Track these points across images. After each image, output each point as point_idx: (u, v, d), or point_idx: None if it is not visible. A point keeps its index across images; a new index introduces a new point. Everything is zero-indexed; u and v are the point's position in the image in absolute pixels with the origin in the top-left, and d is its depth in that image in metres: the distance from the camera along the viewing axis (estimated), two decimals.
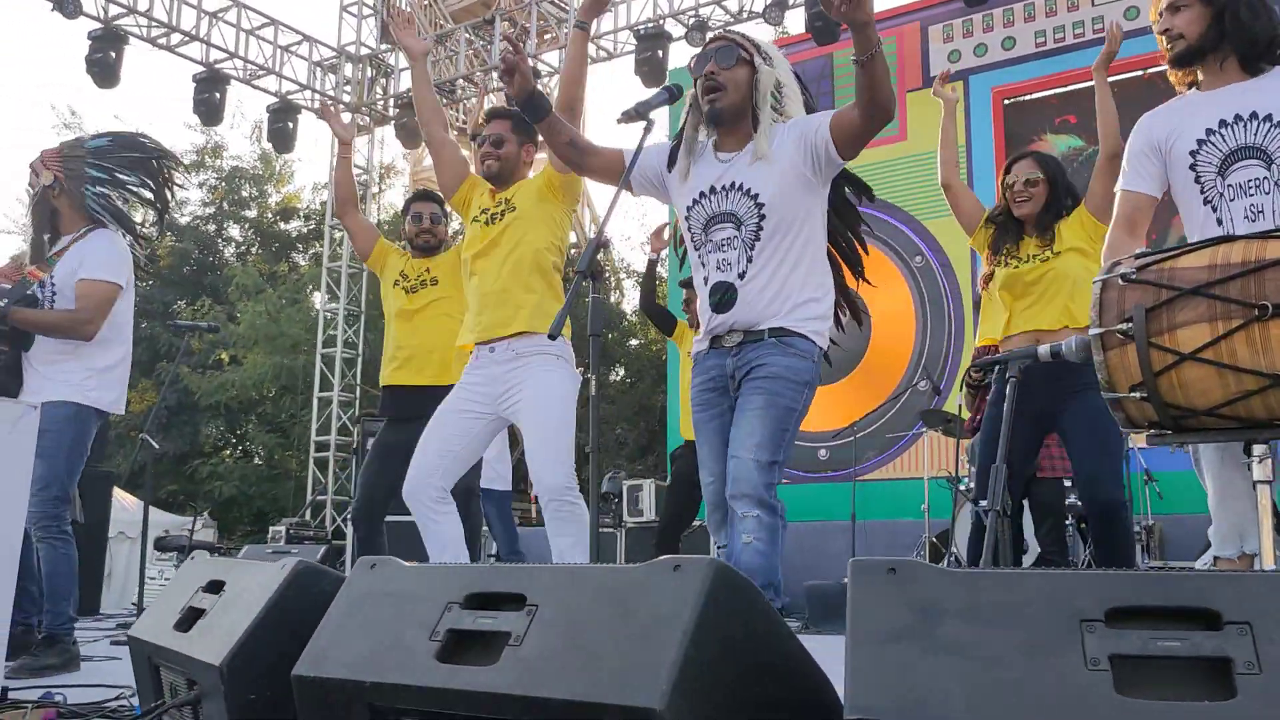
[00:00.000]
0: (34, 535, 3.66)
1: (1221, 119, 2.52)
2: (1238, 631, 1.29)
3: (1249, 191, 2.46)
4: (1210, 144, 2.52)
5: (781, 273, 2.77)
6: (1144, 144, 2.66)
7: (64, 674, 3.59)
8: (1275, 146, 2.45)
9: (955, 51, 9.60)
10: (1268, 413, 2.03)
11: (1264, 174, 2.45)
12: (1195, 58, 2.57)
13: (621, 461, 14.87)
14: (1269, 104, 2.48)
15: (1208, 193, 2.52)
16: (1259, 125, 2.47)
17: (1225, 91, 2.56)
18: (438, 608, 1.71)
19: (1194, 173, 2.54)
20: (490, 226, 3.63)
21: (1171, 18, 2.61)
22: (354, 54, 12.99)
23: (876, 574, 1.46)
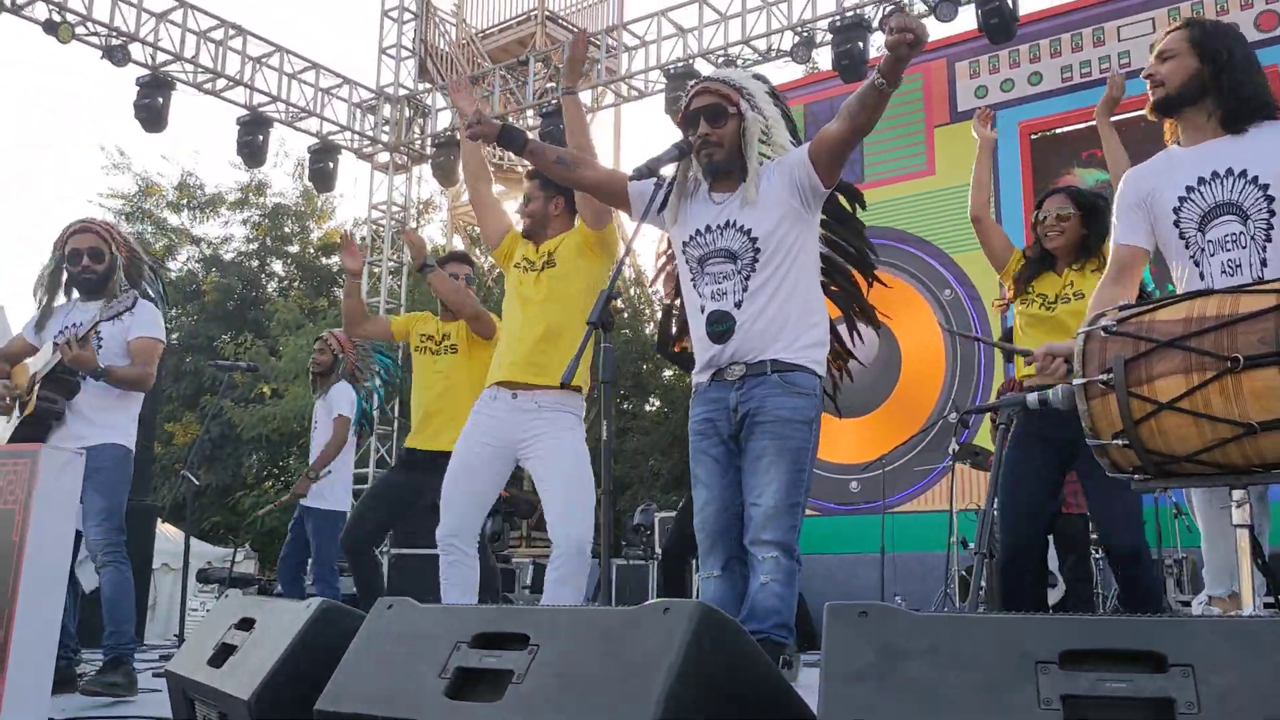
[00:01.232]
0: (99, 561, 4.00)
1: (1200, 176, 2.60)
2: (1181, 673, 1.39)
3: (1226, 247, 2.53)
4: (1191, 200, 2.60)
5: (777, 302, 2.89)
6: (1133, 198, 2.73)
7: (127, 695, 3.80)
8: (1250, 203, 2.53)
9: (982, 87, 9.69)
10: (1244, 459, 2.11)
11: (1240, 229, 2.53)
12: (1173, 107, 2.64)
13: (655, 493, 14.94)
14: (1245, 161, 2.55)
15: (1191, 248, 2.60)
16: (1234, 181, 2.55)
17: (1205, 148, 2.63)
18: (448, 647, 1.84)
19: (1178, 228, 2.62)
20: (529, 274, 3.77)
21: (1158, 65, 2.68)
22: (392, 95, 13.29)
23: (849, 616, 1.57)
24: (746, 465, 2.91)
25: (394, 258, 13.39)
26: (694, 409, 3.07)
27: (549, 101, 12.02)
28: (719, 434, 2.97)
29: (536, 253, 3.80)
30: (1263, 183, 2.53)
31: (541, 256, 3.77)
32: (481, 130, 3.18)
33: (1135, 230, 2.71)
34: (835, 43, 9.60)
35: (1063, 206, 3.78)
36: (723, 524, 2.94)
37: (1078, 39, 9.27)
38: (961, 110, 9.77)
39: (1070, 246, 3.77)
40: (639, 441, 16.03)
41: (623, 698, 1.54)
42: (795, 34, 10.20)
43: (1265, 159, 2.54)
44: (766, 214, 2.91)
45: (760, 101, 3.02)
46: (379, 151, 13.37)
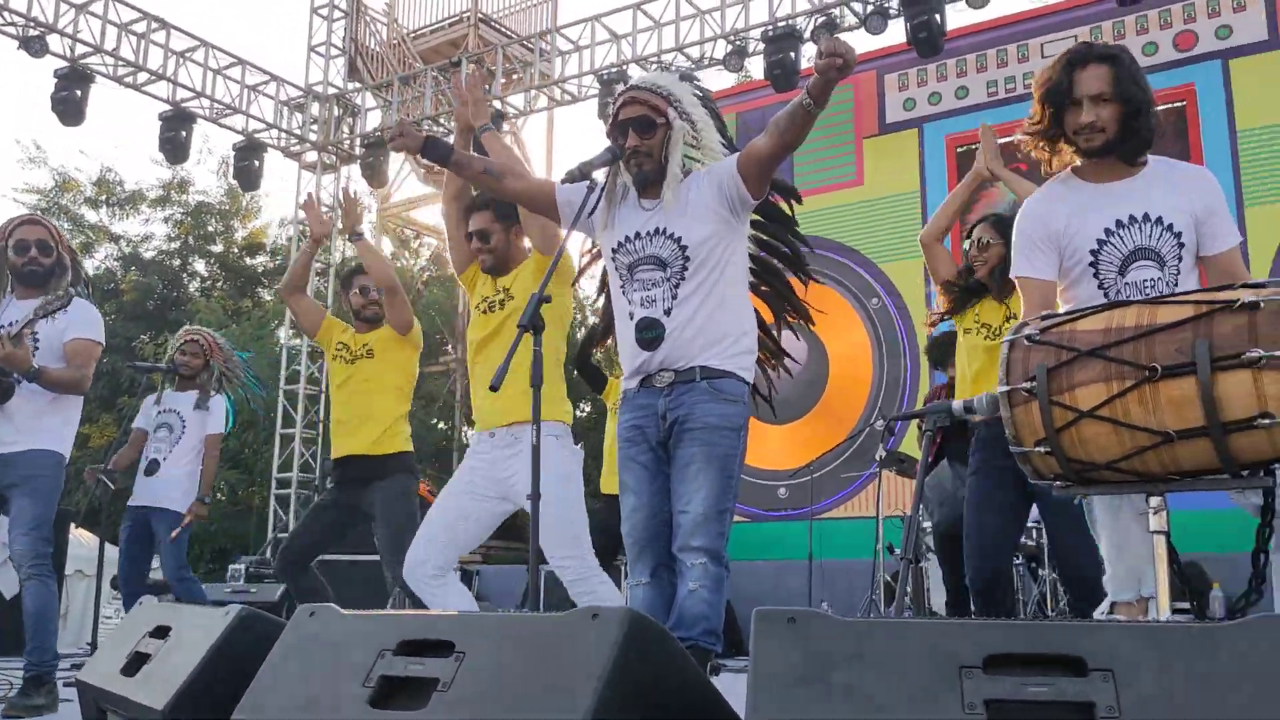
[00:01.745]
0: (23, 573, 3.82)
1: (1118, 219, 2.65)
2: (1101, 678, 1.41)
3: (1145, 290, 2.60)
4: (1110, 244, 2.65)
5: (706, 310, 2.89)
6: (1041, 233, 2.73)
7: (50, 714, 3.67)
8: (1166, 249, 2.60)
9: (910, 100, 9.85)
10: (1161, 467, 2.16)
11: (1158, 275, 2.60)
12: (1108, 151, 2.67)
13: (585, 499, 14.88)
14: (1158, 206, 2.62)
15: (1107, 289, 2.65)
16: (1151, 228, 2.61)
17: (1117, 187, 2.68)
18: (371, 655, 1.80)
19: (1094, 269, 2.67)
20: (489, 315, 3.71)
21: (1096, 109, 2.64)
22: (321, 93, 13.10)
23: (777, 622, 1.57)
24: (675, 472, 2.91)
25: (320, 258, 13.18)
26: (622, 415, 3.06)
27: None
28: (647, 441, 2.96)
29: (494, 289, 3.74)
30: (1176, 230, 2.61)
31: (498, 291, 3.72)
32: (405, 142, 3.14)
33: (1049, 265, 2.72)
34: (767, 52, 9.68)
35: (985, 234, 3.89)
36: (651, 531, 2.93)
37: (1003, 55, 9.46)
38: (890, 122, 9.92)
39: (996, 271, 3.85)
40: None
41: (552, 705, 1.53)
42: (728, 42, 10.27)
43: (1177, 206, 2.61)
44: (696, 223, 2.92)
45: (688, 106, 3.02)
46: (307, 150, 13.16)
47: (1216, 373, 2.04)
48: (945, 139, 9.60)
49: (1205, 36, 8.52)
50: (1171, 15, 8.76)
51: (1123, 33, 8.91)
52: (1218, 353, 2.04)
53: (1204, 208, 2.63)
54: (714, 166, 2.98)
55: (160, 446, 5.56)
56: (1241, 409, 2.02)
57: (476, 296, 3.80)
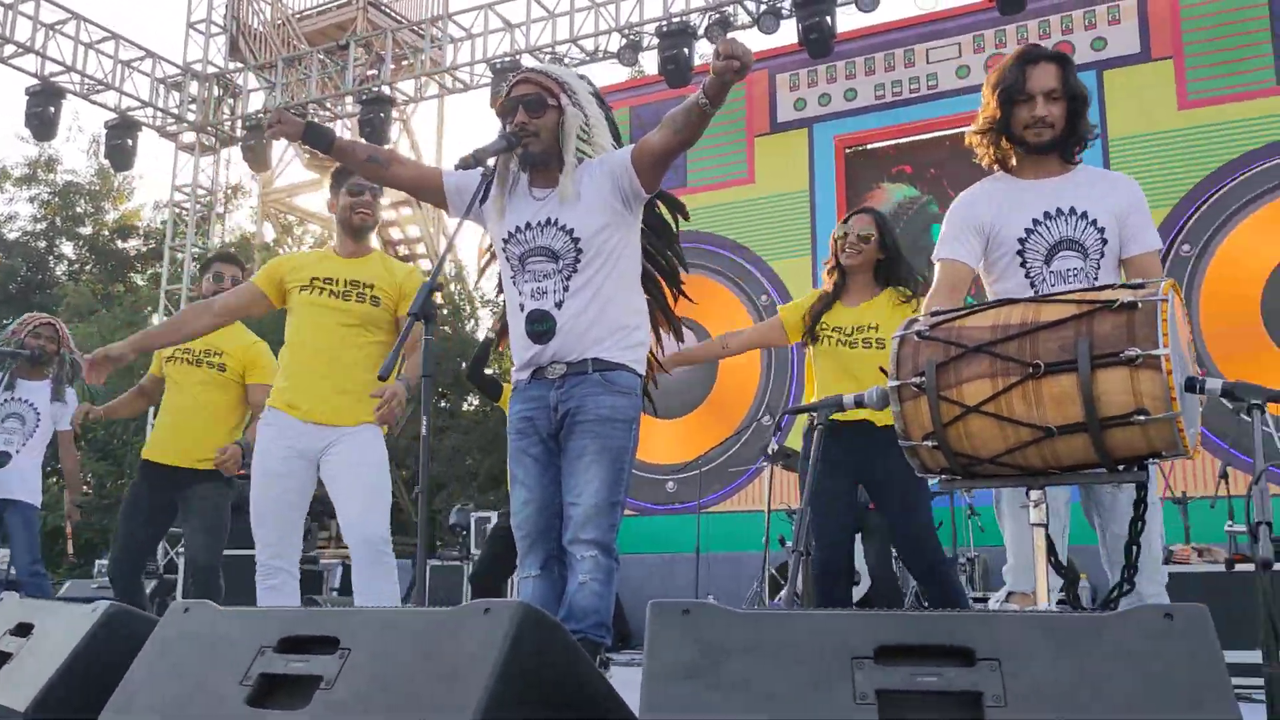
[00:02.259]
0: None
1: (1046, 211, 2.75)
2: (989, 667, 1.44)
3: (1068, 279, 2.71)
4: (1037, 234, 2.76)
5: (599, 302, 2.87)
6: (972, 222, 2.84)
7: None
8: (1090, 242, 2.71)
9: (801, 100, 9.98)
10: (1042, 462, 2.22)
11: (1081, 265, 2.71)
12: (1053, 147, 2.77)
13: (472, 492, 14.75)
14: (1085, 202, 2.73)
15: (1033, 277, 2.75)
16: (1076, 220, 2.72)
17: (1048, 184, 2.78)
18: (250, 652, 1.73)
19: (1021, 257, 2.76)
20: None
21: (1048, 106, 2.76)
22: (200, 72, 12.65)
23: (672, 614, 1.56)
24: (566, 464, 2.88)
25: (198, 244, 12.74)
26: (513, 407, 3.01)
27: (369, 89, 11.70)
28: (538, 433, 2.92)
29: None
30: (1100, 225, 2.71)
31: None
32: (284, 129, 3.05)
33: (971, 251, 2.82)
34: (662, 47, 9.71)
35: (865, 227, 3.91)
36: (542, 524, 2.90)
37: (890, 59, 9.66)
38: (781, 121, 10.05)
39: (866, 266, 3.90)
40: (456, 440, 15.79)
41: (441, 701, 1.48)
42: (622, 36, 10.27)
43: (1098, 203, 2.72)
44: (588, 214, 2.88)
45: (582, 99, 2.99)
46: (184, 131, 12.70)
47: (1096, 370, 2.10)
48: (834, 139, 9.76)
49: (1081, 47, 8.84)
50: (1050, 26, 9.07)
51: (1004, 41, 9.19)
52: (1098, 351, 2.11)
53: (1127, 211, 2.74)
54: (606, 157, 2.95)
55: (11, 438, 5.30)
56: (1119, 405, 2.09)
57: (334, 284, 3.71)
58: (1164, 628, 1.42)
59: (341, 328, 3.61)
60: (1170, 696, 1.37)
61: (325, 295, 3.63)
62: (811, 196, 9.77)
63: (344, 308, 3.63)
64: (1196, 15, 8.54)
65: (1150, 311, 2.10)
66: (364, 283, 3.65)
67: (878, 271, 3.91)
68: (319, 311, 3.62)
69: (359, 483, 3.53)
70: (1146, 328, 2.08)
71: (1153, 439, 2.11)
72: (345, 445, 3.56)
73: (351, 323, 3.62)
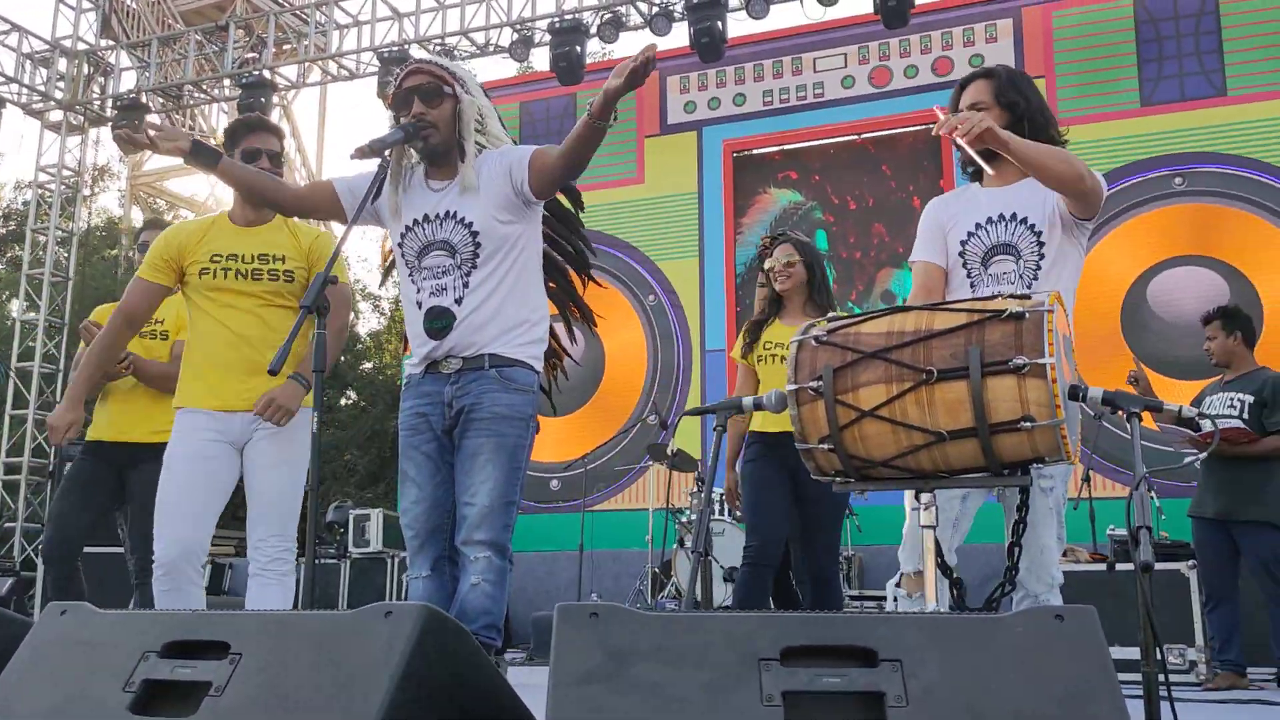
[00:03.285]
0: None
1: (989, 216, 2.84)
2: (890, 668, 1.47)
3: (1001, 282, 2.80)
4: (977, 237, 2.85)
5: (497, 298, 2.83)
6: (936, 224, 2.95)
7: None
8: (1024, 245, 2.79)
9: (691, 103, 10.06)
10: (933, 465, 2.29)
11: (1014, 268, 2.79)
12: (993, 156, 2.80)
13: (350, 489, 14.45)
14: (1024, 207, 2.81)
15: (973, 278, 2.84)
16: (1013, 225, 2.81)
17: (997, 191, 2.87)
18: (133, 657, 1.66)
19: (962, 259, 2.86)
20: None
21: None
22: (70, 49, 12.08)
23: (580, 617, 1.55)
24: (460, 463, 2.83)
25: (63, 226, 12.17)
26: (405, 402, 2.94)
27: (249, 72, 11.35)
28: (431, 429, 2.87)
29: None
30: (1037, 230, 2.78)
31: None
32: (171, 147, 2.90)
33: (939, 251, 2.92)
34: (553, 44, 9.67)
35: (789, 254, 4.16)
36: (433, 523, 2.85)
37: (779, 66, 9.81)
38: (671, 123, 10.11)
39: (798, 288, 4.15)
40: (335, 435, 15.45)
41: (340, 708, 1.44)
42: (514, 31, 10.18)
43: (1037, 206, 2.79)
44: (487, 206, 2.85)
45: (473, 89, 2.97)
46: (51, 109, 12.11)
47: (986, 377, 2.17)
48: (723, 143, 9.87)
49: (960, 64, 9.13)
50: (931, 41, 9.34)
51: (888, 54, 9.43)
52: (988, 359, 2.18)
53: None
54: (506, 151, 2.93)
55: None
56: (1007, 412, 2.16)
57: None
58: (1055, 629, 1.47)
59: (254, 310, 3.29)
60: (1061, 695, 1.42)
61: (231, 277, 3.29)
62: (700, 198, 9.86)
63: (255, 289, 3.29)
64: (1068, 37, 8.91)
65: (1037, 321, 2.18)
66: (273, 256, 3.32)
67: (809, 290, 4.15)
68: (227, 295, 3.29)
69: (275, 480, 3.26)
70: (1033, 337, 2.16)
71: (1037, 444, 2.19)
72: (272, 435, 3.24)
73: (265, 303, 3.30)
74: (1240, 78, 8.32)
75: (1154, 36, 8.63)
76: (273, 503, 3.24)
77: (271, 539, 3.23)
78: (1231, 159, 8.20)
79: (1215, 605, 5.07)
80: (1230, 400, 5.10)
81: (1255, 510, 4.92)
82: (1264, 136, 8.15)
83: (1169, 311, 8.15)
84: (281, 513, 3.26)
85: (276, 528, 3.24)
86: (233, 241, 3.35)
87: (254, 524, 3.24)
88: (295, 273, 3.34)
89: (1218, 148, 8.26)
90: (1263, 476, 4.94)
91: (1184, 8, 8.58)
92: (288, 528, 3.27)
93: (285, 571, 3.24)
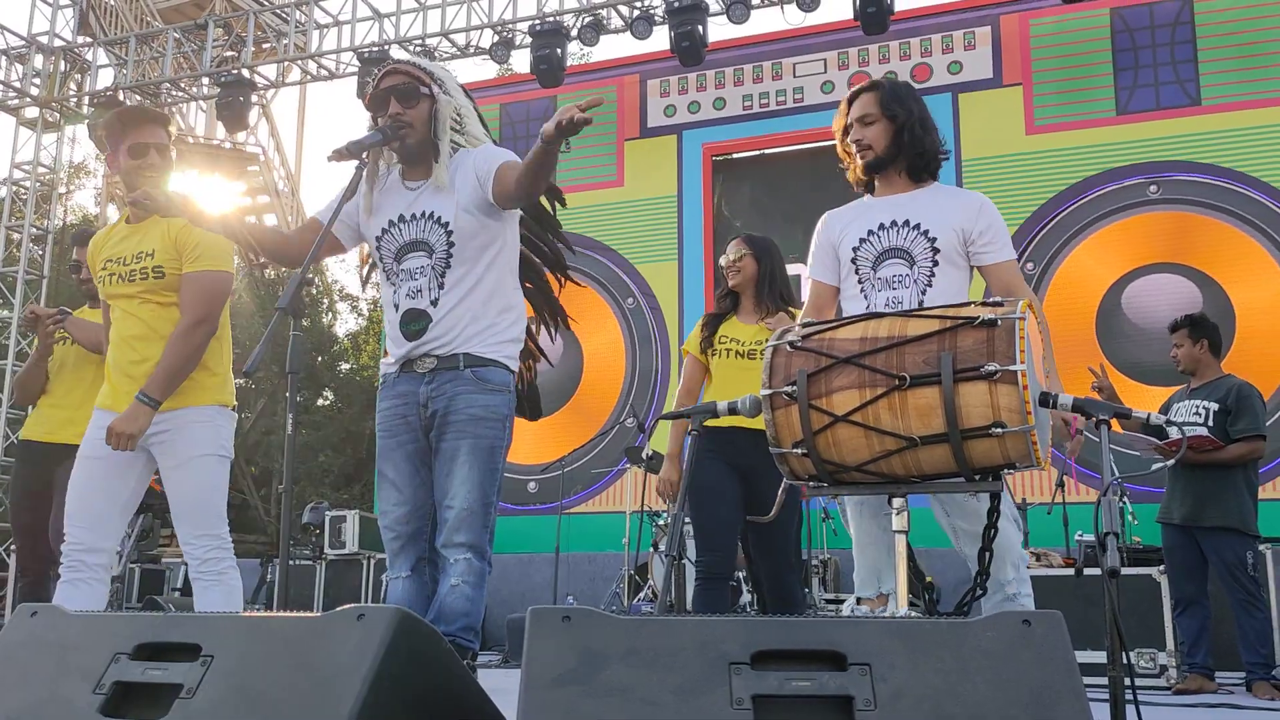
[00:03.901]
0: None
1: (881, 223, 2.89)
2: (859, 672, 1.48)
3: (893, 285, 2.83)
4: (869, 243, 2.89)
5: (474, 298, 2.83)
6: (825, 240, 3.01)
7: None
8: (918, 251, 2.84)
9: (671, 107, 10.08)
10: (905, 470, 2.31)
11: (906, 272, 2.83)
12: (880, 167, 2.91)
13: (325, 490, 14.38)
14: (918, 214, 2.86)
15: (864, 284, 2.88)
16: (906, 231, 2.85)
17: (891, 199, 2.92)
18: (104, 659, 1.65)
19: (854, 265, 2.90)
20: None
21: (863, 130, 2.92)
22: (46, 45, 11.99)
23: (552, 621, 1.55)
24: (439, 465, 2.82)
25: (38, 224, 12.07)
26: (381, 403, 2.93)
27: (228, 70, 11.29)
28: (410, 430, 2.86)
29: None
30: (931, 236, 2.82)
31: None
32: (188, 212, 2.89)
33: (827, 270, 2.98)
34: (534, 46, 9.66)
35: (739, 250, 4.14)
36: (414, 526, 2.85)
37: (759, 70, 9.85)
38: (651, 126, 10.13)
39: (750, 282, 4.09)
40: (310, 436, 15.37)
41: (312, 711, 1.44)
42: (495, 33, 10.17)
43: (936, 217, 2.84)
44: (462, 205, 2.84)
45: (452, 89, 2.97)
46: (26, 105, 12.01)
47: (958, 383, 2.19)
48: (702, 147, 9.89)
49: (939, 70, 9.20)
50: (910, 48, 9.40)
51: (867, 60, 9.48)
52: (960, 365, 2.20)
53: (973, 224, 2.86)
54: (482, 152, 2.91)
55: None
56: (979, 417, 2.18)
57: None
58: (1022, 634, 1.49)
59: (134, 311, 3.27)
60: (1027, 699, 1.44)
61: (116, 281, 3.30)
62: (679, 201, 9.88)
63: (132, 290, 3.27)
64: (1045, 45, 8.99)
65: (1009, 328, 2.20)
66: (145, 253, 3.28)
67: (760, 288, 4.09)
68: (119, 300, 3.31)
69: (182, 480, 3.21)
70: (1005, 344, 2.19)
71: (1008, 450, 2.21)
72: (172, 435, 3.20)
73: (143, 302, 3.26)
74: (1214, 87, 8.41)
75: (1130, 46, 8.71)
76: (185, 503, 3.19)
77: (198, 539, 3.18)
78: (1206, 168, 8.29)
79: (1184, 609, 5.12)
80: (1196, 408, 5.16)
81: (1219, 515, 4.98)
82: (1237, 146, 8.24)
83: (1143, 318, 8.22)
84: (198, 512, 3.20)
85: (198, 527, 3.19)
86: (119, 244, 3.36)
87: (176, 525, 3.22)
88: (164, 267, 3.26)
89: (1192, 156, 8.34)
90: (1226, 482, 5.00)
91: (1160, 18, 8.67)
92: (212, 527, 3.21)
93: (221, 571, 3.19)
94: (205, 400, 3.26)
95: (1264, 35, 8.33)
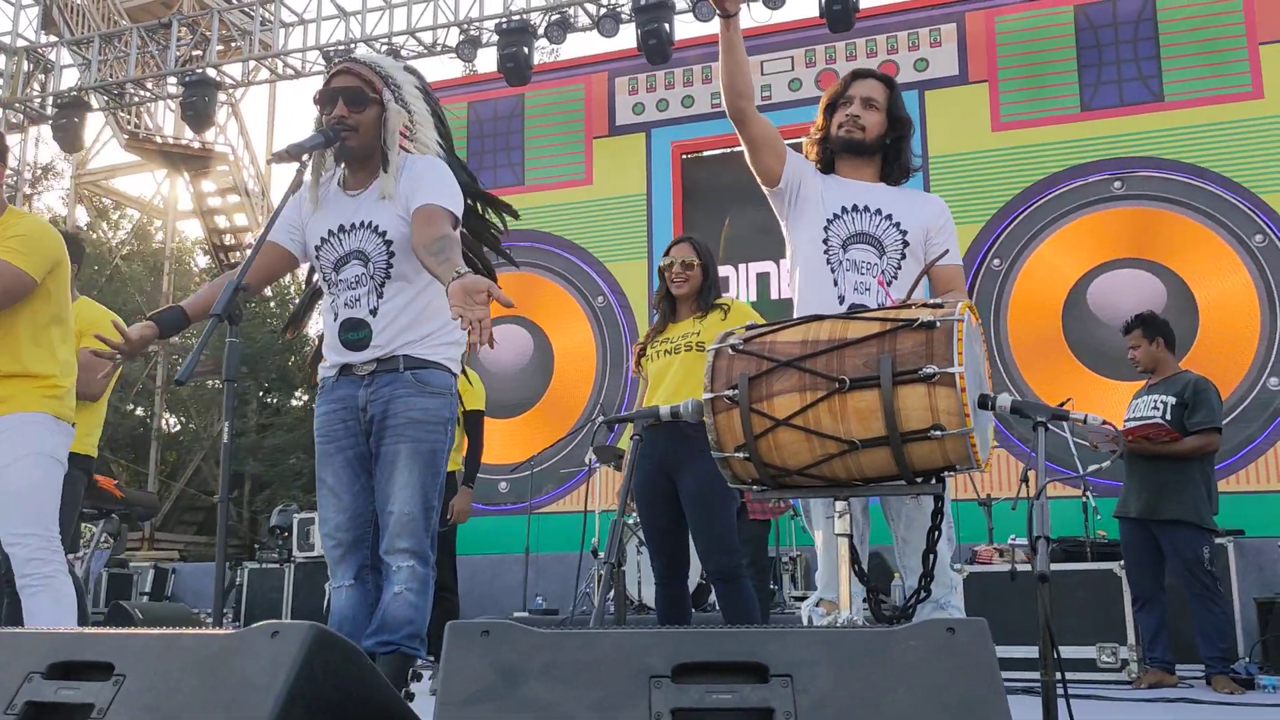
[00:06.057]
0: None
1: (854, 204, 2.86)
2: (781, 683, 1.46)
3: (861, 270, 2.81)
4: (842, 220, 2.85)
5: (414, 306, 2.78)
6: (797, 160, 2.95)
7: None
8: (889, 241, 2.83)
9: (639, 104, 10.06)
10: (847, 473, 2.29)
11: (876, 260, 2.82)
12: (858, 151, 2.88)
13: (296, 493, 14.28)
14: (890, 205, 2.85)
15: (831, 261, 2.83)
16: (880, 220, 2.84)
17: (860, 184, 2.90)
18: (17, 678, 1.61)
19: (825, 245, 2.85)
20: None
21: (864, 111, 2.89)
22: (9, 45, 11.85)
23: (470, 636, 1.52)
24: (379, 470, 2.78)
25: None
26: (320, 408, 2.87)
27: (192, 70, 11.19)
28: (350, 434, 2.81)
29: None
30: (904, 229, 2.82)
31: None
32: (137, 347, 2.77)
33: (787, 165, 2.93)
34: (501, 45, 9.62)
35: (688, 255, 4.02)
36: (355, 533, 2.80)
37: None
38: (619, 124, 10.10)
39: (693, 293, 4.00)
40: (281, 438, 15.25)
41: None
42: (461, 31, 10.12)
43: (907, 211, 2.84)
44: (400, 213, 2.79)
45: (407, 95, 2.90)
46: None
47: (897, 386, 2.17)
48: (671, 145, 9.88)
49: (905, 67, 9.21)
50: (877, 45, 9.41)
51: (834, 57, 9.49)
52: (899, 367, 2.18)
53: (932, 223, 2.87)
54: (418, 175, 2.79)
55: None
56: (918, 420, 2.17)
57: None
58: (946, 641, 1.47)
59: None
60: (952, 706, 1.42)
61: None
62: (649, 200, 9.86)
63: None
64: (1010, 43, 9.01)
65: (948, 331, 2.18)
66: None
67: (701, 294, 4.01)
68: None
69: (8, 480, 3.12)
70: (944, 346, 2.17)
71: (948, 452, 2.19)
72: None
73: None
74: (1177, 84, 8.46)
75: (1094, 43, 8.75)
76: (7, 500, 3.10)
77: (21, 538, 3.11)
78: (1168, 163, 8.34)
79: (1143, 604, 5.15)
80: (1154, 402, 5.19)
81: (1175, 509, 5.00)
82: (1199, 141, 8.29)
83: (1108, 313, 8.26)
84: (18, 510, 3.11)
85: (19, 525, 3.11)
86: None
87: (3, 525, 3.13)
88: None
89: (1155, 152, 8.39)
90: (1181, 475, 5.03)
91: (1122, 15, 8.71)
92: (34, 525, 3.12)
93: (48, 575, 3.11)
94: (33, 407, 3.17)
95: (1225, 32, 8.38)
